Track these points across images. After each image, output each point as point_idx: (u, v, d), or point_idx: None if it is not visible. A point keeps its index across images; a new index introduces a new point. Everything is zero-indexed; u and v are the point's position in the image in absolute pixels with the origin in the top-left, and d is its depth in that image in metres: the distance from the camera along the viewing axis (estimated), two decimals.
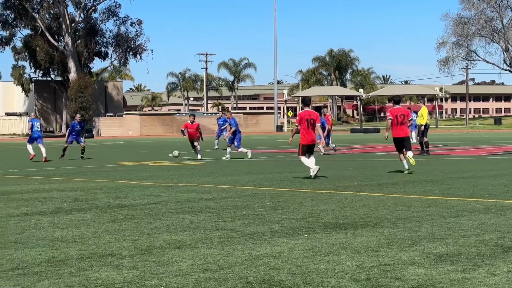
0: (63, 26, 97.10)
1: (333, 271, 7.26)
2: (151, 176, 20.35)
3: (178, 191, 15.90)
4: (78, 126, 31.98)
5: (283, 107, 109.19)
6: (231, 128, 29.74)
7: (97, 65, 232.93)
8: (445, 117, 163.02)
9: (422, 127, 28.89)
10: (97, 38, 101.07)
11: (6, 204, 13.74)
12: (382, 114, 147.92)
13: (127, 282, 6.94)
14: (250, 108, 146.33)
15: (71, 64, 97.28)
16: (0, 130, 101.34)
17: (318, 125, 18.79)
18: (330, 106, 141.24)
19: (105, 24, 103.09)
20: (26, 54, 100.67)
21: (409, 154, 20.05)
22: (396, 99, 21.55)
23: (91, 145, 52.55)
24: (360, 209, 12.10)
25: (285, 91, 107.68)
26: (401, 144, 20.20)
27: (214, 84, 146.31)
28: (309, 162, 18.68)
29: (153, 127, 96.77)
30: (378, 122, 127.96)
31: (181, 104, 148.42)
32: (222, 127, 35.92)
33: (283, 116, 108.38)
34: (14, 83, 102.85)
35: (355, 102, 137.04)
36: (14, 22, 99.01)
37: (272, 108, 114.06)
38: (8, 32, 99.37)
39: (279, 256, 8.08)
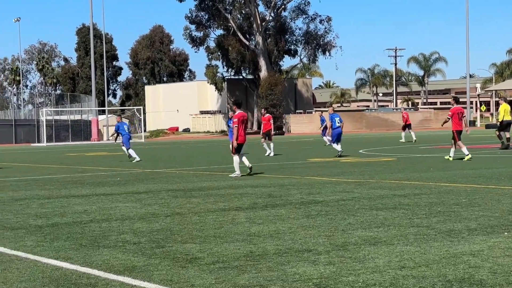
0: (254, 25, 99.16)
1: None
2: (343, 173, 20.38)
3: (370, 187, 15.82)
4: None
5: (476, 101, 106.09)
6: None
7: (286, 62, 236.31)
8: None
9: (499, 124, 31.67)
10: (286, 36, 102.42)
11: (204, 200, 14.22)
12: None
13: (324, 277, 6.99)
14: (441, 103, 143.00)
15: (262, 63, 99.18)
16: (195, 127, 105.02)
17: (235, 126, 20.26)
18: None
19: (294, 22, 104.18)
20: (219, 53, 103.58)
21: (462, 146, 24.21)
22: (456, 99, 25.54)
23: (281, 142, 53.38)
24: None
25: (478, 85, 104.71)
26: (458, 136, 24.25)
27: (403, 79, 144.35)
28: (238, 162, 20.14)
29: (352, 122, 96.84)
30: None
31: (370, 100, 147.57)
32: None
33: (476, 111, 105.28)
34: (208, 82, 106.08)
35: None
36: (208, 23, 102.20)
37: (464, 102, 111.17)
38: (202, 33, 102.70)
39: (478, 254, 7.86)
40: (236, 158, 20.37)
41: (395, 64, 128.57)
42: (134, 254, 8.44)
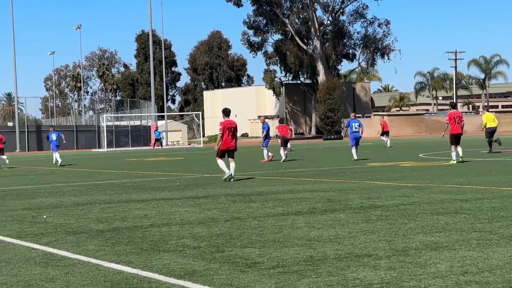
0: (312, 29, 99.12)
1: None
2: (402, 177, 20.21)
3: (430, 191, 15.65)
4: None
5: None
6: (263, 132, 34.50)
7: (344, 66, 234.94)
8: None
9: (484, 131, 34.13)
10: (344, 40, 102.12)
11: (263, 204, 14.22)
12: None
13: (385, 283, 6.92)
14: (503, 106, 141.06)
15: (320, 67, 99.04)
16: (254, 132, 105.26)
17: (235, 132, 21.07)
18: None
19: (352, 26, 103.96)
20: (277, 58, 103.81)
21: (459, 149, 26.02)
22: (452, 104, 27.25)
23: (339, 147, 53.19)
24: None
25: None
26: (456, 139, 25.83)
27: (463, 83, 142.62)
28: (223, 165, 20.88)
29: (401, 127, 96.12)
30: None
31: (429, 104, 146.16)
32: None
33: None
34: (266, 87, 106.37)
35: None
36: (266, 28, 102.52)
37: (496, 106, 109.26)
38: (260, 37, 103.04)
39: None
40: (219, 161, 21.13)
41: (455, 67, 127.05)
42: (194, 259, 8.48)
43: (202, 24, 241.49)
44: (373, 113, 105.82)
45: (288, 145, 34.15)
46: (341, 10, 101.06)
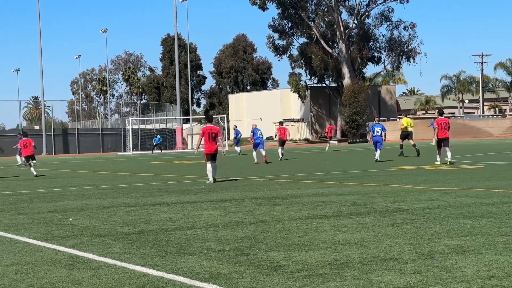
0: (337, 33, 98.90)
1: None
2: (428, 181, 20.11)
3: (456, 195, 15.56)
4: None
5: None
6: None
7: (370, 70, 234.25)
8: None
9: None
10: (370, 43, 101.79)
11: (288, 208, 14.21)
12: None
13: (410, 286, 6.89)
14: None
15: (345, 70, 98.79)
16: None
17: (219, 137, 22.43)
18: None
19: (378, 29, 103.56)
20: (302, 61, 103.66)
21: (448, 154, 28.22)
22: (440, 112, 29.98)
23: (364, 150, 52.99)
24: None
25: None
26: (442, 142, 28.29)
27: (490, 86, 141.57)
28: (209, 172, 22.26)
29: (427, 131, 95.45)
30: None
31: (455, 107, 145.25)
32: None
33: None
34: (291, 90, 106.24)
35: None
36: (291, 31, 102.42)
37: None
38: (285, 41, 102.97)
39: None
40: (208, 166, 22.47)
41: (482, 71, 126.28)
42: (219, 262, 8.49)
43: (227, 28, 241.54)
44: (398, 116, 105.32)
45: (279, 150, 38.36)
46: (366, 13, 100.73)
